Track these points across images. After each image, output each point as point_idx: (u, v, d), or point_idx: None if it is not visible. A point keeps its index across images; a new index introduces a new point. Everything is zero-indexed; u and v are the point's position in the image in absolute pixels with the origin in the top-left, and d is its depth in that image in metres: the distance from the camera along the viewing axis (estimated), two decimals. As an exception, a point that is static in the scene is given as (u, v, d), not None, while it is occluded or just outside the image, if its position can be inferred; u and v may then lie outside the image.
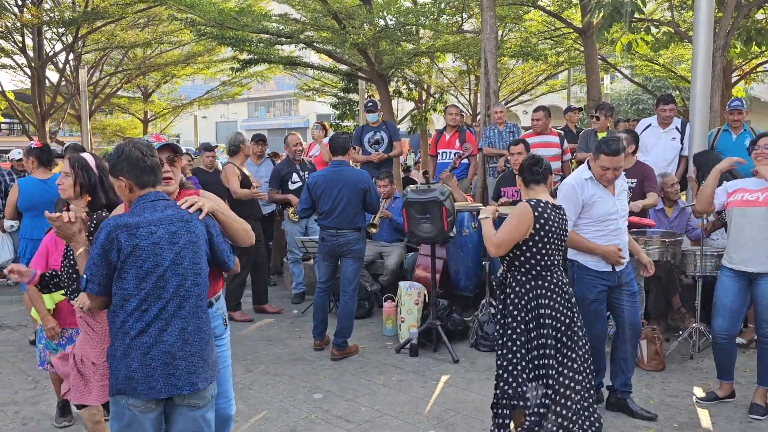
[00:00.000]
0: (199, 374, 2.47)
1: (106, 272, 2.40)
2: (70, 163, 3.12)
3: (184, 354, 2.44)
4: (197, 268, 2.52)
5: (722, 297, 4.10)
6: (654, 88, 18.77)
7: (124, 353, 2.39)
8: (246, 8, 10.72)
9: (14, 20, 13.22)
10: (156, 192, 2.53)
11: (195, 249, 2.52)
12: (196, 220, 2.56)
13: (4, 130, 29.53)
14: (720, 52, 6.83)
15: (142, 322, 2.40)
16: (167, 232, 2.45)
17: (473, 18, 13.32)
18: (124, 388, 2.39)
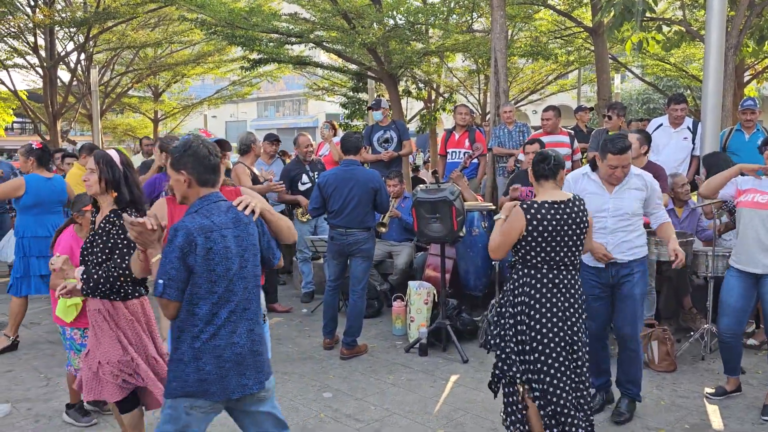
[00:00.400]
0: (264, 371, 2.57)
1: (185, 276, 2.38)
2: (95, 159, 3.14)
3: (252, 354, 2.51)
4: (257, 270, 2.59)
5: (727, 296, 4.15)
6: (665, 87, 18.66)
7: (194, 357, 2.40)
8: (256, 8, 10.75)
9: (26, 20, 13.34)
10: (217, 193, 2.54)
11: (255, 251, 2.58)
12: (252, 223, 2.58)
13: (16, 130, 29.77)
14: (732, 51, 6.79)
15: (213, 326, 2.41)
16: (234, 236, 2.47)
17: (483, 17, 13.30)
18: (195, 390, 2.41)
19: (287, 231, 2.80)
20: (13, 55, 14.50)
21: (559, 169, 3.33)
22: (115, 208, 3.15)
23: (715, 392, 4.30)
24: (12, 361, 5.22)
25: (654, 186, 3.90)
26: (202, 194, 2.49)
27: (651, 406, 4.18)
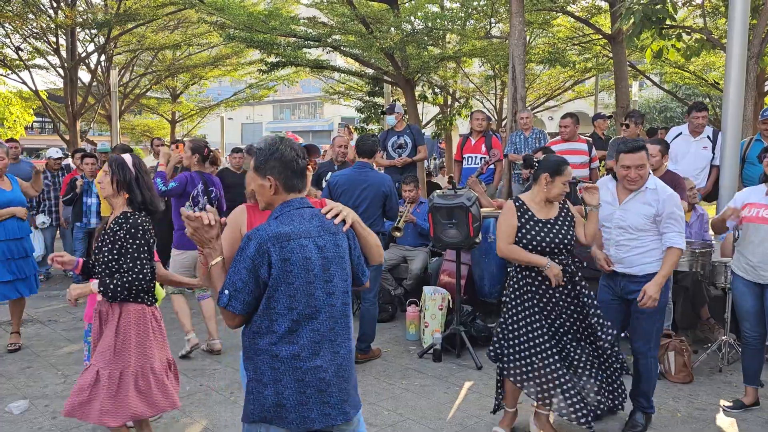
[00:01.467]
0: (350, 402, 2.26)
1: (254, 289, 2.14)
2: (108, 163, 3.23)
3: (337, 380, 2.22)
4: (345, 286, 2.28)
5: (741, 302, 4.19)
6: (684, 96, 18.52)
7: (274, 378, 2.16)
8: (275, 12, 10.84)
9: (49, 21, 13.54)
10: (301, 198, 2.29)
11: (343, 265, 2.27)
12: (341, 233, 2.30)
13: (36, 129, 30.17)
14: (754, 60, 6.72)
15: (294, 346, 2.16)
16: (317, 246, 2.20)
17: (501, 23, 13.28)
18: (271, 416, 2.16)
19: (376, 249, 2.47)
20: (35, 55, 14.72)
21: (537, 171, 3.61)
22: (126, 210, 3.19)
23: (732, 405, 4.25)
24: (30, 357, 5.28)
25: (668, 204, 3.66)
26: (286, 200, 2.28)
27: (667, 417, 4.14)
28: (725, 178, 5.94)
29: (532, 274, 3.61)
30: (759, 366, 4.21)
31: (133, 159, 3.25)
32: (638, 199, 3.74)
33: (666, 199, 3.67)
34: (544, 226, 3.59)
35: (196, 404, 4.35)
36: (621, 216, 3.76)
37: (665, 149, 5.20)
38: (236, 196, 7.54)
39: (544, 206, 3.64)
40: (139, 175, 3.21)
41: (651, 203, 3.70)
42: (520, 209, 3.63)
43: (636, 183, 3.70)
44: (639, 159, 3.64)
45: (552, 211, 3.65)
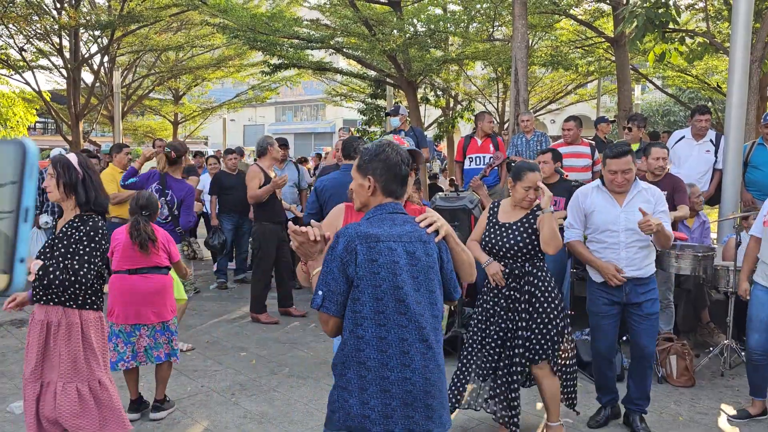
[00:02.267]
0: (435, 419, 2.12)
1: (345, 288, 2.09)
2: (52, 164, 3.05)
3: (425, 395, 2.10)
4: (433, 297, 2.17)
5: (758, 312, 4.01)
6: (686, 99, 18.51)
7: (360, 387, 2.08)
8: (277, 14, 10.86)
9: (52, 22, 13.57)
10: (395, 203, 2.24)
11: (432, 275, 2.17)
12: (433, 242, 2.21)
13: (39, 130, 30.22)
14: (757, 64, 6.73)
15: (382, 354, 2.07)
16: (406, 252, 2.13)
17: (503, 26, 13.29)
18: (356, 425, 2.08)
19: (468, 268, 2.36)
20: (39, 56, 14.76)
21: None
22: (79, 213, 3.03)
23: (737, 415, 4.17)
24: (31, 358, 5.28)
25: (660, 199, 3.80)
26: (381, 203, 2.23)
27: (669, 421, 4.13)
28: (728, 182, 5.94)
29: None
30: (766, 379, 4.12)
31: (78, 158, 3.11)
32: (639, 198, 3.75)
33: (659, 196, 3.81)
34: (500, 228, 3.68)
35: (197, 405, 4.35)
36: (629, 218, 3.72)
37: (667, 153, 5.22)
38: (233, 197, 7.57)
39: (512, 210, 3.72)
40: (87, 174, 3.05)
41: (649, 200, 3.75)
42: (491, 211, 3.79)
43: (623, 187, 3.72)
44: (625, 164, 3.64)
45: (516, 215, 3.69)
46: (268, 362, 5.18)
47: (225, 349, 5.57)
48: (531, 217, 3.65)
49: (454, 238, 2.31)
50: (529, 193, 3.59)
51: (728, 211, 5.85)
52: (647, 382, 3.90)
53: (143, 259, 4.03)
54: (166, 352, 4.09)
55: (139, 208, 4.10)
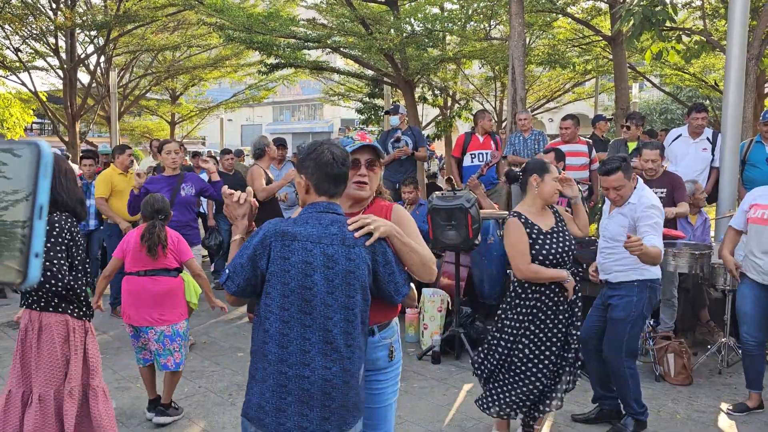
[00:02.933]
0: (332, 421, 2.13)
1: (250, 276, 2.16)
2: None
3: (322, 396, 2.11)
4: (350, 302, 2.15)
5: (742, 305, 4.19)
6: (684, 97, 18.52)
7: (262, 378, 2.14)
8: (274, 13, 10.82)
9: (48, 23, 13.54)
10: (328, 203, 2.24)
11: (350, 280, 2.15)
12: (361, 247, 2.17)
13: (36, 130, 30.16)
14: (753, 62, 6.72)
15: (283, 350, 2.11)
16: (323, 254, 2.13)
17: (501, 25, 13.29)
18: (253, 415, 2.13)
19: (421, 267, 2.33)
20: (35, 57, 14.72)
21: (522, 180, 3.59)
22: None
23: (735, 408, 4.22)
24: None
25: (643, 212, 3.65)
26: (314, 202, 2.26)
27: (666, 419, 4.13)
28: (725, 180, 5.94)
29: (541, 288, 3.42)
30: (761, 370, 4.18)
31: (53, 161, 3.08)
32: (619, 210, 3.85)
33: (641, 214, 3.65)
34: (549, 236, 3.41)
35: (195, 406, 4.33)
36: (606, 226, 3.91)
37: (662, 152, 5.22)
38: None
39: (541, 215, 3.47)
40: (57, 178, 2.96)
41: (626, 214, 3.77)
42: (526, 224, 3.40)
43: (617, 203, 3.81)
44: (615, 181, 3.70)
45: (549, 219, 3.49)
46: (265, 362, 5.17)
47: (222, 349, 5.56)
48: (558, 216, 3.57)
49: (400, 239, 2.29)
50: (557, 184, 3.50)
51: (725, 209, 5.85)
52: (626, 390, 3.80)
53: (151, 261, 4.02)
54: (176, 361, 4.01)
55: (155, 212, 4.08)
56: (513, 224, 3.43)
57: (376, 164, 2.50)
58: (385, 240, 2.25)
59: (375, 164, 2.49)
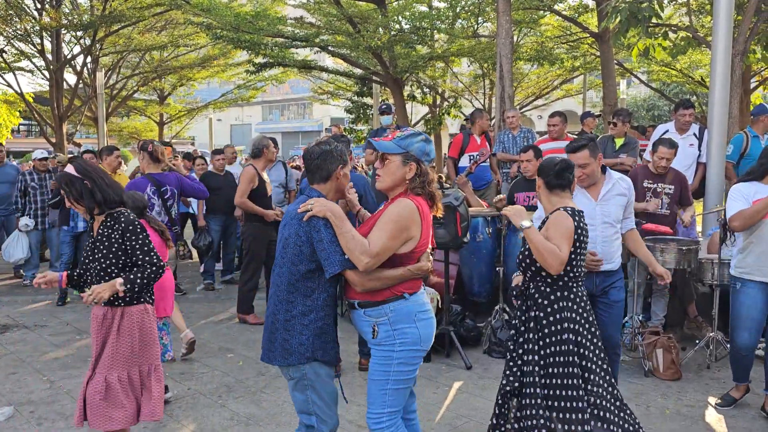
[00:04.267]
0: (266, 352, 2.80)
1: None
2: (58, 182, 3.20)
3: (267, 332, 2.80)
4: (281, 262, 2.76)
5: (749, 310, 3.96)
6: (671, 93, 18.64)
7: None
8: (261, 12, 10.79)
9: (33, 23, 13.41)
10: (311, 189, 2.79)
11: (284, 246, 2.74)
12: (297, 220, 2.69)
13: (23, 132, 29.91)
14: (739, 57, 6.76)
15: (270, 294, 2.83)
16: (283, 225, 2.78)
17: (489, 22, 13.30)
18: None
19: (350, 253, 2.62)
20: (20, 57, 14.59)
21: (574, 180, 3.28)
22: (105, 213, 3.13)
23: (723, 402, 4.21)
24: (15, 363, 5.22)
25: (632, 191, 3.84)
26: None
27: (656, 414, 4.15)
28: (712, 175, 5.98)
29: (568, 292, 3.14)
30: (750, 365, 4.17)
31: (76, 167, 3.14)
32: (613, 190, 3.76)
33: (632, 187, 3.81)
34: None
35: (184, 408, 4.31)
36: (604, 211, 3.72)
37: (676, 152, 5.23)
38: (220, 197, 7.50)
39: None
40: (90, 179, 3.11)
41: (624, 192, 3.77)
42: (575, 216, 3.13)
43: (583, 182, 3.69)
44: (581, 158, 3.63)
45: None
46: (255, 363, 5.15)
47: (212, 350, 5.53)
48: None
49: (337, 223, 2.64)
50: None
51: (713, 204, 5.89)
52: (616, 374, 3.85)
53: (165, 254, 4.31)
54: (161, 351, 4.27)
55: (144, 208, 4.35)
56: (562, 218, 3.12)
57: (387, 158, 2.76)
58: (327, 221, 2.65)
59: (386, 158, 2.77)
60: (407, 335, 2.73)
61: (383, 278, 2.67)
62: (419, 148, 2.76)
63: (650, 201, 5.20)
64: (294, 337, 2.70)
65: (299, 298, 2.71)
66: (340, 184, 2.85)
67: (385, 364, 2.74)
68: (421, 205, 2.73)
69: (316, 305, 2.71)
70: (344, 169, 2.83)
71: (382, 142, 2.78)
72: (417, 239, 2.71)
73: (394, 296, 2.72)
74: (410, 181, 2.74)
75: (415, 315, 2.75)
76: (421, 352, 2.80)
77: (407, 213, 2.66)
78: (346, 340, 5.54)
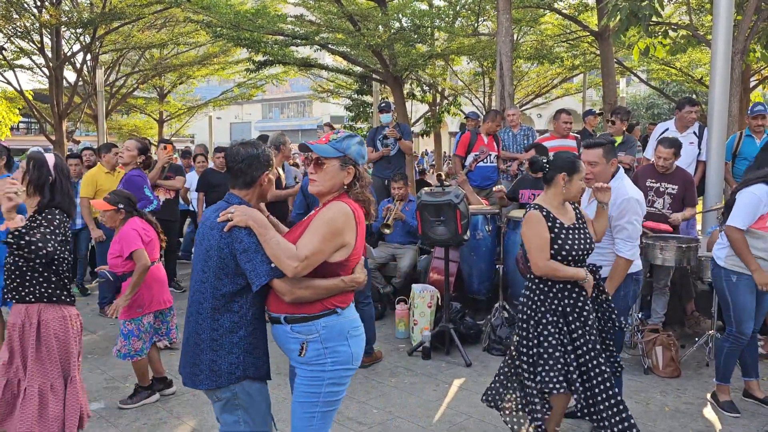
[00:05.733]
0: (189, 376, 2.55)
1: None
2: (27, 160, 3.07)
3: (184, 351, 2.59)
4: (203, 276, 2.50)
5: (748, 302, 3.99)
6: (670, 92, 18.65)
7: None
8: (261, 10, 10.78)
9: (33, 21, 13.40)
10: (231, 194, 2.59)
11: (206, 258, 2.49)
12: (218, 230, 2.46)
13: (22, 129, 29.89)
14: (739, 56, 6.77)
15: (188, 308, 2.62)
16: (202, 231, 2.55)
17: (488, 20, 13.30)
18: None
19: (276, 260, 2.40)
20: (20, 55, 14.58)
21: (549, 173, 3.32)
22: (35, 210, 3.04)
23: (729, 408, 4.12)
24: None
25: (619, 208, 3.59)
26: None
27: (655, 411, 4.16)
28: (711, 174, 5.99)
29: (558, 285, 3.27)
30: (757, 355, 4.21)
31: (56, 160, 3.06)
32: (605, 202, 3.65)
33: (619, 204, 3.57)
34: (571, 232, 3.26)
35: (184, 405, 4.32)
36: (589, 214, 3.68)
37: (678, 150, 5.18)
38: (221, 194, 7.50)
39: (562, 209, 3.32)
40: (59, 179, 3.04)
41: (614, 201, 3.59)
42: (548, 217, 3.24)
43: (590, 182, 3.56)
44: (593, 155, 3.60)
45: (570, 213, 3.34)
46: (255, 360, 5.16)
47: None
48: (578, 212, 3.42)
49: (260, 231, 2.43)
50: (584, 184, 3.36)
51: (712, 202, 5.90)
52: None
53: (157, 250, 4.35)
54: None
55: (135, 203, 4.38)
56: (535, 217, 3.25)
57: (321, 161, 2.57)
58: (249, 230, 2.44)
59: (320, 161, 2.57)
60: (340, 354, 2.53)
61: (314, 287, 2.44)
62: (357, 150, 2.59)
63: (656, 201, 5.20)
64: (222, 357, 2.47)
65: (226, 315, 2.47)
66: (263, 190, 2.64)
67: (315, 385, 2.52)
68: (357, 210, 2.55)
69: (244, 321, 2.49)
70: (269, 175, 2.62)
71: (318, 144, 2.58)
72: (351, 246, 2.51)
73: (326, 310, 2.51)
74: (348, 185, 2.59)
75: (348, 332, 2.56)
76: (352, 371, 2.60)
77: (342, 217, 2.47)
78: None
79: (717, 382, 4.22)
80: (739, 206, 3.91)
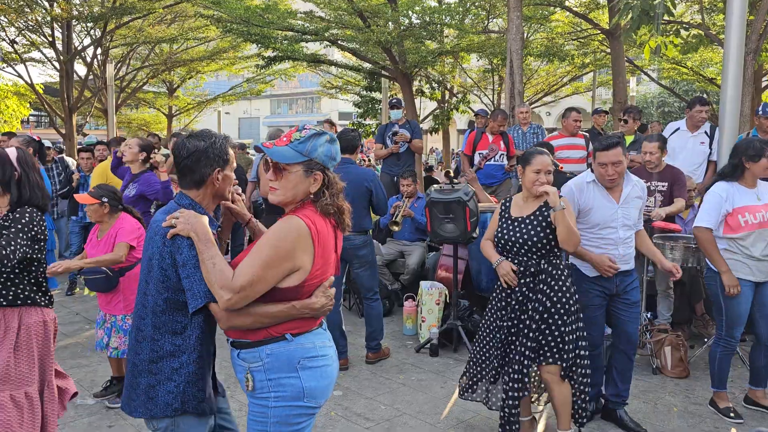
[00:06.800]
0: (125, 400, 2.22)
1: None
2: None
3: (127, 372, 2.24)
4: (145, 288, 2.16)
5: (744, 306, 3.98)
6: (681, 91, 18.55)
7: None
8: (272, 6, 10.81)
9: (44, 14, 13.47)
10: (180, 194, 2.23)
11: (148, 267, 2.14)
12: (161, 236, 2.10)
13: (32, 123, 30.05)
14: (751, 56, 6.73)
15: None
16: (149, 236, 2.18)
17: (498, 18, 13.26)
18: None
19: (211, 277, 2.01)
20: (31, 48, 14.66)
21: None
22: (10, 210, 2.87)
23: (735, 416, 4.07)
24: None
25: (646, 192, 3.88)
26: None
27: (663, 412, 4.15)
28: (722, 174, 5.95)
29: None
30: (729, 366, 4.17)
31: (18, 154, 2.91)
32: (633, 193, 3.74)
33: (644, 188, 3.85)
34: (513, 223, 3.52)
35: (193, 398, 4.34)
36: (625, 214, 3.71)
37: (663, 144, 5.19)
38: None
39: (525, 203, 3.55)
40: (24, 172, 2.89)
41: (641, 195, 3.79)
42: (503, 206, 3.65)
43: (614, 181, 3.64)
44: (614, 156, 3.59)
45: (528, 208, 3.51)
46: (263, 355, 5.18)
47: (220, 342, 5.55)
48: (545, 210, 3.47)
49: (200, 247, 2.05)
50: (539, 176, 3.41)
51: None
52: (631, 372, 3.91)
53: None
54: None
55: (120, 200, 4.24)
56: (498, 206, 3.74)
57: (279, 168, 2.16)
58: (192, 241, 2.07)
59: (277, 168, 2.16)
60: (285, 388, 2.14)
61: (256, 315, 2.06)
62: (325, 152, 2.16)
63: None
64: (161, 383, 2.13)
65: (166, 336, 2.13)
66: (219, 190, 2.25)
67: (261, 422, 2.17)
68: (316, 224, 2.12)
69: (187, 344, 2.14)
70: (224, 171, 2.23)
71: (275, 148, 2.14)
72: (307, 270, 2.09)
73: (271, 337, 2.13)
74: (315, 195, 2.16)
75: (299, 362, 2.14)
76: (308, 409, 2.17)
77: (292, 236, 2.05)
78: (354, 334, 5.59)
79: (714, 390, 4.17)
80: (703, 207, 4.06)
